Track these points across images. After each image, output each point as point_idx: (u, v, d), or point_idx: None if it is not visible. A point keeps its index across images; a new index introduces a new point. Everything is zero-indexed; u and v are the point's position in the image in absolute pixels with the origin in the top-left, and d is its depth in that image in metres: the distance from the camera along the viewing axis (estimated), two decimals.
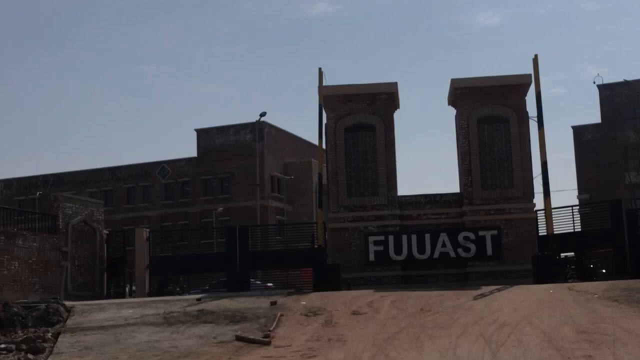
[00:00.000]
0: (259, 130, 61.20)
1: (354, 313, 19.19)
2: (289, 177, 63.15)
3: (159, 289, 30.75)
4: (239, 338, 16.90)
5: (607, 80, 58.22)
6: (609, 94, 57.43)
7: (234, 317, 19.79)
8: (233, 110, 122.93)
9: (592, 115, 59.44)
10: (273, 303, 21.32)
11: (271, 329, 17.83)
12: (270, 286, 32.01)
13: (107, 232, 33.93)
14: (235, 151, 62.15)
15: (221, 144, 64.17)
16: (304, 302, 21.29)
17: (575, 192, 56.47)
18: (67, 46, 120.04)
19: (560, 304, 18.88)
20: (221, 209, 57.21)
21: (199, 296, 24.83)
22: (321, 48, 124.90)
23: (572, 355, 12.65)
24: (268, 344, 16.20)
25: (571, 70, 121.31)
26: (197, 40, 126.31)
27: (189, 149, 73.44)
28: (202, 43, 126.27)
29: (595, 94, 58.27)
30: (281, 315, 19.54)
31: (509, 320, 16.86)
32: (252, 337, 16.81)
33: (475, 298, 20.61)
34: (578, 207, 32.20)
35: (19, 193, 69.26)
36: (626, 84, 55.42)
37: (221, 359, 14.86)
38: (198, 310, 20.97)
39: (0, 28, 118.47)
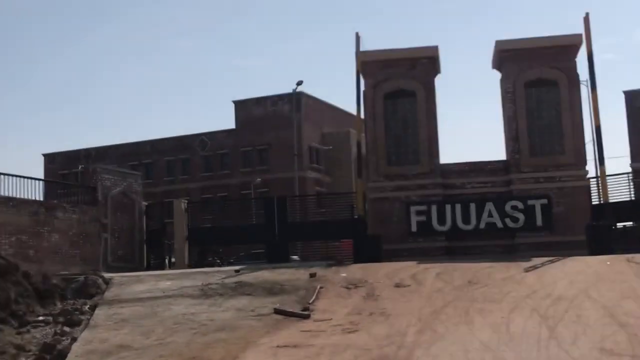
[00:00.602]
0: (297, 100, 60.15)
1: (397, 286, 18.26)
2: (327, 148, 62.14)
3: (198, 261, 30.43)
4: (277, 311, 16.15)
5: None
6: None
7: (272, 290, 19.07)
8: (271, 83, 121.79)
9: None
10: (312, 275, 20.50)
11: (310, 301, 17.03)
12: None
13: (146, 203, 33.51)
14: (273, 122, 61.23)
15: (259, 115, 63.37)
16: (344, 274, 20.43)
17: (628, 160, 54.40)
18: (105, 22, 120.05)
19: (620, 277, 17.69)
20: (259, 180, 56.46)
21: (237, 268, 24.18)
22: (358, 14, 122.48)
23: None
24: (307, 317, 15.41)
25: (621, 35, 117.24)
26: (232, 14, 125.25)
27: (227, 121, 72.91)
28: (238, 16, 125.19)
29: None
30: (321, 287, 18.71)
31: (564, 293, 15.76)
32: (291, 310, 16.04)
33: (527, 270, 19.48)
34: (632, 174, 30.53)
35: (62, 167, 69.50)
36: None
37: (259, 333, 14.06)
38: (236, 282, 20.31)
39: (49, 7, 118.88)
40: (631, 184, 28.41)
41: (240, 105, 64.81)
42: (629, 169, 48.51)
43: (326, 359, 11.30)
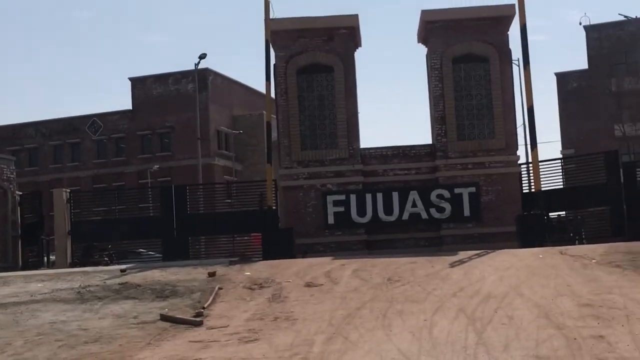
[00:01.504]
0: (202, 78, 58.48)
1: (308, 285, 17.42)
2: (237, 132, 60.89)
3: (82, 259, 28.81)
4: (164, 318, 15.00)
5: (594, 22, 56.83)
6: (597, 36, 56.09)
7: (162, 292, 17.94)
8: (175, 60, 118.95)
9: (576, 63, 58.09)
10: (211, 274, 19.49)
11: (205, 305, 15.97)
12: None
13: (21, 193, 31.70)
14: (176, 103, 59.64)
15: (160, 95, 61.69)
16: (248, 273, 19.48)
17: (559, 147, 55.40)
18: None
19: (553, 271, 17.34)
20: (157, 167, 55.00)
21: (123, 267, 22.91)
22: None
23: (579, 335, 10.97)
24: (199, 324, 14.32)
25: (552, 16, 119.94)
26: None
27: (123, 102, 70.66)
28: None
29: (580, 40, 56.90)
30: (220, 288, 17.70)
31: (494, 291, 15.23)
32: (180, 316, 14.92)
33: (452, 265, 18.98)
34: (568, 159, 30.65)
35: None
36: (623, 22, 53.48)
37: (139, 345, 12.87)
38: (121, 284, 19.10)
39: None
40: (563, 171, 28.54)
41: (138, 83, 62.81)
42: (560, 156, 49.27)
43: None
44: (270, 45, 27.35)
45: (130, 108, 63.37)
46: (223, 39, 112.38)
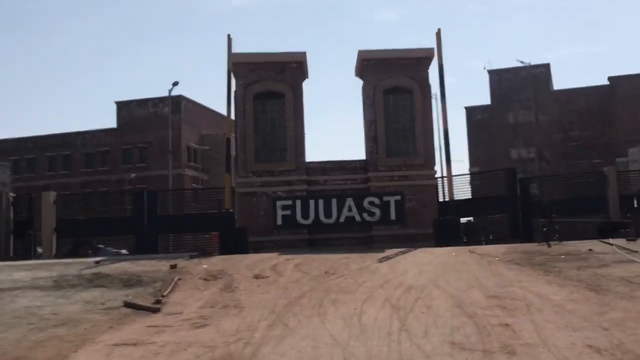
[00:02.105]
0: (177, 103, 57.32)
1: (256, 277, 16.32)
2: (204, 148, 59.60)
3: (72, 251, 27.36)
4: (127, 304, 13.76)
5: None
6: (497, 78, 56.52)
7: (129, 281, 16.60)
8: (155, 87, 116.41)
9: (481, 99, 58.43)
10: (173, 267, 18.22)
11: (164, 294, 14.73)
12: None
13: (14, 195, 30.01)
14: (154, 123, 58.11)
15: (140, 116, 60.23)
16: (205, 266, 18.27)
17: (467, 165, 55.40)
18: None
19: (464, 267, 16.61)
20: (134, 175, 53.36)
21: (98, 259, 21.49)
22: (234, 26, 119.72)
23: (488, 323, 10.16)
24: (157, 310, 13.12)
25: (461, 63, 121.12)
26: (123, 27, 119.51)
27: (109, 121, 68.71)
28: (123, 32, 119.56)
29: (484, 82, 57.20)
30: (179, 279, 16.46)
31: (414, 283, 14.38)
32: (140, 303, 13.68)
33: (380, 261, 18.13)
34: (475, 174, 30.25)
35: None
36: (518, 68, 53.68)
37: (101, 329, 11.65)
38: (94, 274, 17.69)
39: None
40: (469, 184, 28.30)
41: (123, 106, 61.26)
42: (468, 172, 49.22)
43: (163, 359, 9.14)
44: (232, 75, 26.41)
45: (115, 126, 61.45)
46: (195, 70, 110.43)
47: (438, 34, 25.42)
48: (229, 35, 25.86)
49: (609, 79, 51.90)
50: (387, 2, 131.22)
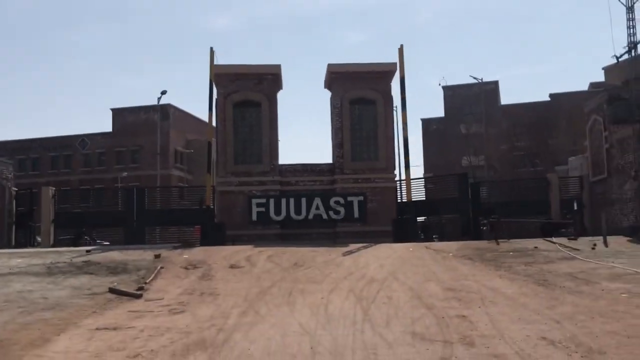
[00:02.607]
0: (166, 111, 56.28)
1: (232, 267, 15.63)
2: (189, 151, 58.43)
3: (74, 241, 26.55)
4: (111, 290, 12.98)
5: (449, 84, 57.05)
6: (451, 93, 56.27)
7: (115, 269, 15.82)
8: (147, 96, 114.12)
9: (436, 112, 58.28)
10: (157, 256, 17.41)
11: (147, 281, 13.99)
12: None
13: (16, 189, 28.81)
14: (145, 128, 56.79)
15: (133, 122, 58.75)
16: (186, 256, 17.50)
17: (422, 171, 55.10)
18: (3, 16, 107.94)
19: (421, 261, 16.11)
20: (125, 174, 52.05)
21: (89, 248, 20.55)
22: (218, 42, 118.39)
23: (446, 314, 9.62)
24: (139, 297, 12.37)
25: (419, 81, 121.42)
26: (118, 40, 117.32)
27: (105, 126, 67.21)
28: (122, 41, 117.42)
29: (439, 96, 56.94)
30: (161, 268, 15.70)
31: (376, 276, 13.84)
32: (124, 289, 12.92)
33: (345, 254, 17.54)
34: (431, 178, 29.84)
35: None
36: (470, 84, 53.65)
37: (85, 313, 10.86)
38: (84, 262, 16.87)
39: None
40: (422, 188, 27.87)
41: (117, 113, 59.88)
42: (423, 177, 48.89)
43: (141, 343, 8.42)
44: (214, 84, 25.65)
45: (111, 130, 60.08)
46: (183, 82, 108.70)
47: (400, 50, 24.95)
48: (211, 48, 25.15)
49: (550, 95, 52.16)
50: (357, 23, 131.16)
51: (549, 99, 52.67)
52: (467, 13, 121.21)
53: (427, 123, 56.72)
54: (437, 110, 56.09)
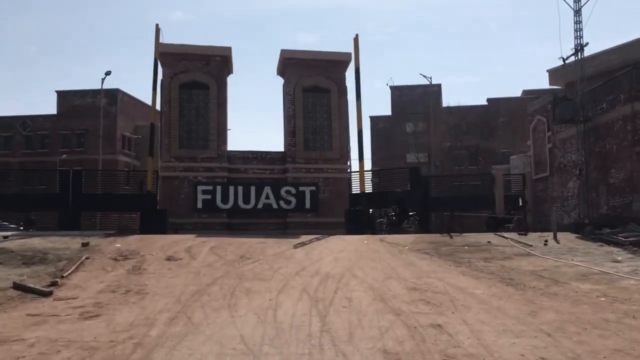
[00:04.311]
0: (114, 96, 52.53)
1: (168, 259, 13.12)
2: (137, 137, 54.71)
3: (24, 226, 24.09)
4: (16, 286, 10.26)
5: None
6: (398, 93, 54.97)
7: (32, 259, 13.03)
8: (92, 77, 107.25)
9: (384, 111, 56.71)
10: (85, 244, 14.72)
11: (65, 274, 11.33)
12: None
13: None
14: (91, 112, 52.49)
15: (79, 105, 54.42)
16: (118, 245, 14.84)
17: (370, 166, 53.49)
18: None
19: (377, 255, 14.08)
20: (65, 156, 48.31)
21: (8, 233, 17.54)
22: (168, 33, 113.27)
23: (417, 323, 7.55)
24: (48, 294, 9.74)
25: (366, 83, 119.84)
26: (72, 30, 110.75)
27: (49, 108, 62.36)
28: (74, 30, 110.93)
29: (386, 96, 55.43)
30: (86, 258, 13.03)
31: (331, 271, 11.68)
32: (31, 285, 10.21)
33: (296, 247, 15.33)
34: (385, 171, 27.90)
35: None
36: (415, 86, 52.54)
37: None
38: None
39: None
40: (369, 180, 26.09)
41: (63, 95, 55.30)
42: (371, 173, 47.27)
43: None
44: (159, 64, 22.91)
45: (55, 113, 55.46)
46: (132, 67, 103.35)
47: (356, 40, 22.91)
48: (157, 25, 22.43)
49: (488, 100, 51.64)
50: (307, 26, 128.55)
51: (486, 103, 52.18)
52: (410, 25, 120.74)
53: (375, 121, 55.35)
54: (381, 111, 54.58)
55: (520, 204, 22.96)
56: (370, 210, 25.02)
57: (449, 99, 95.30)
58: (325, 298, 9.12)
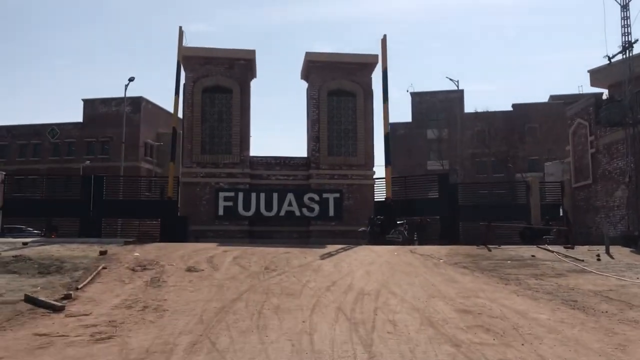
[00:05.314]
0: (137, 104, 52.11)
1: (189, 270, 11.97)
2: (159, 144, 54.10)
3: (46, 232, 23.46)
4: (27, 299, 9.20)
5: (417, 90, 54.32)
6: (418, 100, 53.56)
7: (48, 267, 12.01)
8: (115, 84, 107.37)
9: (404, 117, 55.28)
10: (102, 253, 13.68)
11: (80, 286, 10.24)
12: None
13: None
14: (115, 120, 52.06)
15: (104, 113, 54.11)
16: (137, 254, 13.76)
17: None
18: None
19: (411, 269, 12.78)
20: (88, 162, 47.88)
21: (28, 240, 16.61)
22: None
23: (485, 358, 6.23)
24: (60, 310, 8.64)
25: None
26: (95, 37, 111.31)
27: (76, 116, 62.12)
28: (102, 42, 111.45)
29: (407, 102, 54.07)
30: (103, 268, 11.95)
31: (365, 287, 10.43)
32: (42, 298, 9.13)
33: (322, 257, 14.10)
34: (411, 177, 26.46)
35: None
36: (436, 92, 51.25)
37: None
38: (14, 256, 13.02)
39: None
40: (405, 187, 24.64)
41: (88, 104, 55.09)
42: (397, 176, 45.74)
43: None
44: (182, 68, 21.97)
45: (81, 121, 55.23)
46: (157, 77, 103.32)
47: (383, 41, 21.73)
48: (180, 27, 21.55)
49: (513, 105, 49.84)
50: (325, 36, 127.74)
51: (511, 109, 50.44)
52: (426, 33, 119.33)
53: (394, 127, 53.99)
54: (398, 119, 53.11)
55: (561, 213, 21.35)
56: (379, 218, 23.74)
57: (468, 106, 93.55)
58: (365, 320, 7.88)
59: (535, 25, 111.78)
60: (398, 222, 20.16)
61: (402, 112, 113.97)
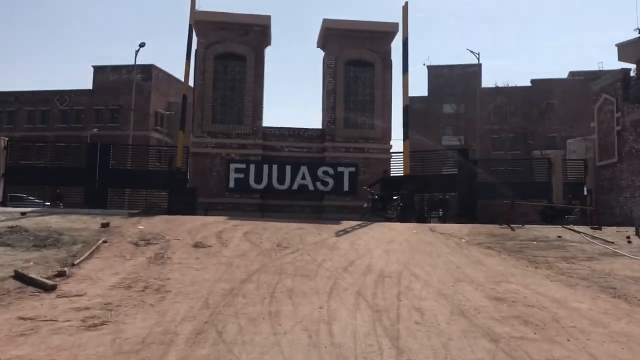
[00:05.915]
0: (148, 71, 51.08)
1: (196, 245, 11.21)
2: (170, 113, 53.22)
3: (51, 201, 22.44)
4: (17, 275, 8.48)
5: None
6: (435, 73, 52.11)
7: (45, 240, 11.29)
8: (126, 50, 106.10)
9: (420, 91, 53.92)
10: (104, 225, 12.95)
11: (75, 262, 9.50)
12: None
13: None
14: (126, 88, 51.11)
15: (114, 80, 53.14)
16: (141, 227, 13.02)
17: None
18: None
19: (433, 248, 11.93)
20: (96, 130, 47.18)
21: (27, 209, 15.93)
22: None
23: (528, 356, 5.42)
24: (51, 289, 7.89)
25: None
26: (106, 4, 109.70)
27: (85, 84, 61.41)
28: (114, 11, 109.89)
29: (423, 76, 52.64)
30: (104, 241, 11.21)
31: (386, 268, 9.60)
32: (32, 275, 8.40)
33: (338, 234, 13.27)
34: (428, 153, 25.40)
35: None
36: (454, 65, 49.74)
37: None
38: (10, 227, 12.31)
39: None
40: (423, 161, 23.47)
41: (99, 70, 54.13)
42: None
43: None
44: (194, 33, 20.89)
45: (91, 88, 54.31)
46: (169, 44, 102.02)
47: (405, 8, 20.42)
48: None
49: (532, 81, 48.28)
50: (342, 2, 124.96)
51: (529, 84, 48.88)
52: (440, 10, 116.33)
53: (410, 102, 52.80)
54: (421, 89, 51.36)
55: (585, 192, 20.35)
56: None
57: (485, 81, 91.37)
58: (388, 308, 7.06)
59: (553, 5, 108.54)
60: (394, 198, 19.17)
61: (417, 85, 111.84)
